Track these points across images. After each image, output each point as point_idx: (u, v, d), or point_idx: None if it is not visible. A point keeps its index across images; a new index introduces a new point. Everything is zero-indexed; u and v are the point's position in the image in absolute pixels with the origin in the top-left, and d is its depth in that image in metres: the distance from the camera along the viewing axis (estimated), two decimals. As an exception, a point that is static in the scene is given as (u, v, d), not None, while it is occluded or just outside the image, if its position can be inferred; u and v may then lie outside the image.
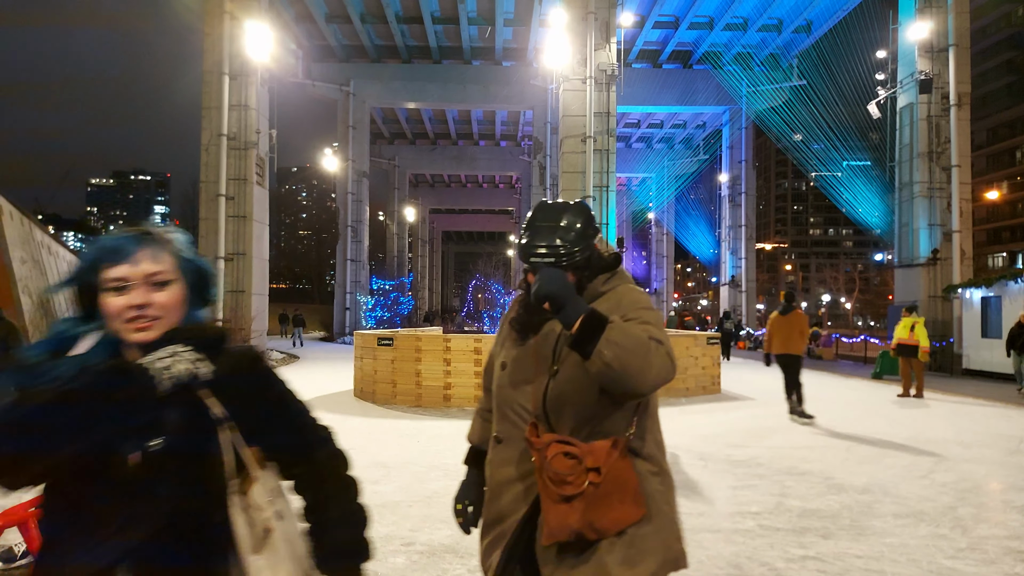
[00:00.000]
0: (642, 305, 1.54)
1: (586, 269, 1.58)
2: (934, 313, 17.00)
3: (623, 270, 1.65)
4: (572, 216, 1.57)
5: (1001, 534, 4.13)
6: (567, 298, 1.40)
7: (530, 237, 1.54)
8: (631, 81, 25.49)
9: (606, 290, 1.60)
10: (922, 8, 17.26)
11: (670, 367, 1.38)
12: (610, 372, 1.32)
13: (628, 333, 1.34)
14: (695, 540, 3.94)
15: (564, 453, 1.43)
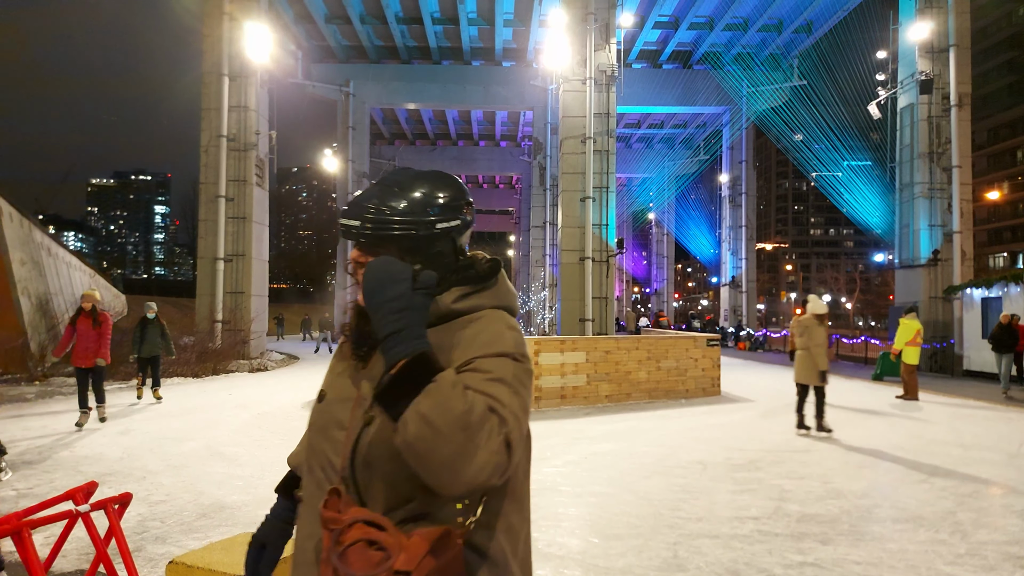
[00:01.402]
0: (502, 350, 1.05)
1: (431, 267, 1.11)
2: (935, 314, 16.98)
3: (502, 288, 1.18)
4: (422, 183, 1.15)
5: (1001, 539, 4.11)
6: (398, 312, 0.98)
7: (356, 196, 1.14)
8: (631, 81, 25.49)
9: (460, 310, 1.12)
10: (923, 8, 17.24)
11: (503, 461, 0.93)
12: (410, 454, 0.93)
13: (448, 405, 0.91)
14: (694, 546, 3.93)
15: (368, 541, 0.97)
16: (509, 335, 1.09)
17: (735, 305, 30.06)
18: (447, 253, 1.16)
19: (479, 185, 50.62)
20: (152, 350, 9.84)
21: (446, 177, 1.20)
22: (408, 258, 1.11)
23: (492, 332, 1.09)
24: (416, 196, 1.14)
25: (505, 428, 0.96)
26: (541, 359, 9.67)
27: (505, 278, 1.22)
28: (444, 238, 1.15)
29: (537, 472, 5.76)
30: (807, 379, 7.68)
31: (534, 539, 4.05)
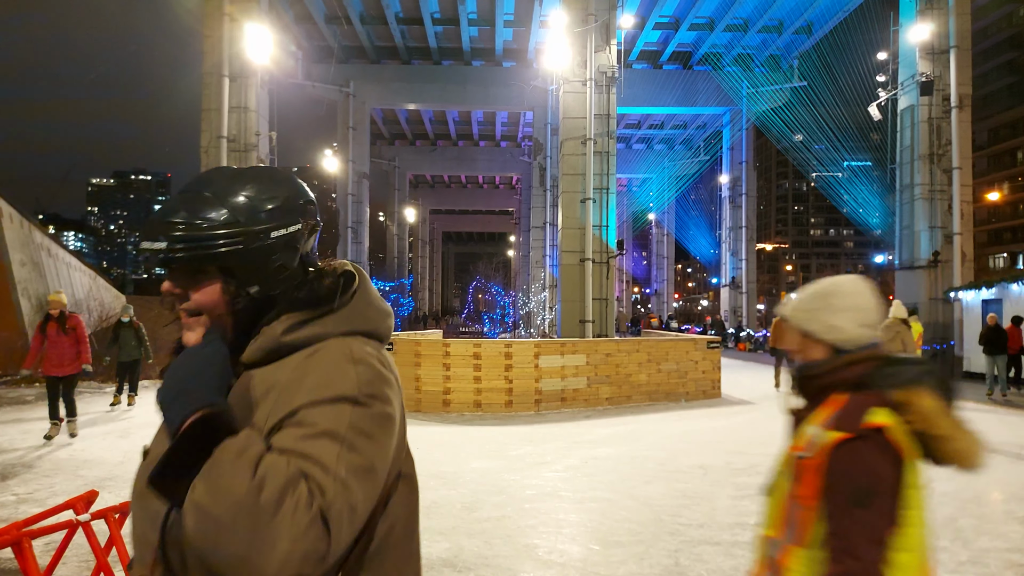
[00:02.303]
0: (337, 393, 0.84)
1: (270, 288, 0.93)
2: (935, 316, 16.97)
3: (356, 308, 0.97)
4: (245, 184, 0.94)
5: (1002, 546, 4.11)
6: (178, 367, 0.83)
7: (156, 212, 0.93)
8: (631, 82, 25.46)
9: (293, 343, 0.91)
10: (923, 10, 17.23)
11: (317, 548, 0.74)
12: (194, 553, 0.78)
13: (227, 485, 0.72)
14: (695, 553, 3.92)
15: None
16: (351, 372, 0.86)
17: (735, 306, 30.06)
18: (290, 267, 0.95)
19: (479, 185, 50.63)
20: (129, 354, 9.43)
21: (276, 173, 1.00)
22: (237, 281, 0.91)
23: (325, 371, 0.86)
24: (239, 201, 0.92)
25: (319, 500, 0.75)
26: (541, 362, 9.67)
27: (367, 292, 0.99)
28: (284, 249, 0.94)
29: (537, 477, 5.75)
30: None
31: (535, 545, 4.05)
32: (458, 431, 8.07)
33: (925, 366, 1.31)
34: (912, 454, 1.24)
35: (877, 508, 1.20)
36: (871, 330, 1.39)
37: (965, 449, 1.24)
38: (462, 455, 6.61)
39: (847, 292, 1.43)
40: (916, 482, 1.24)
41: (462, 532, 4.29)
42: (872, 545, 1.19)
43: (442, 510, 4.76)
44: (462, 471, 5.90)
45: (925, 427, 1.22)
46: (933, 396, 1.25)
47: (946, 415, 1.25)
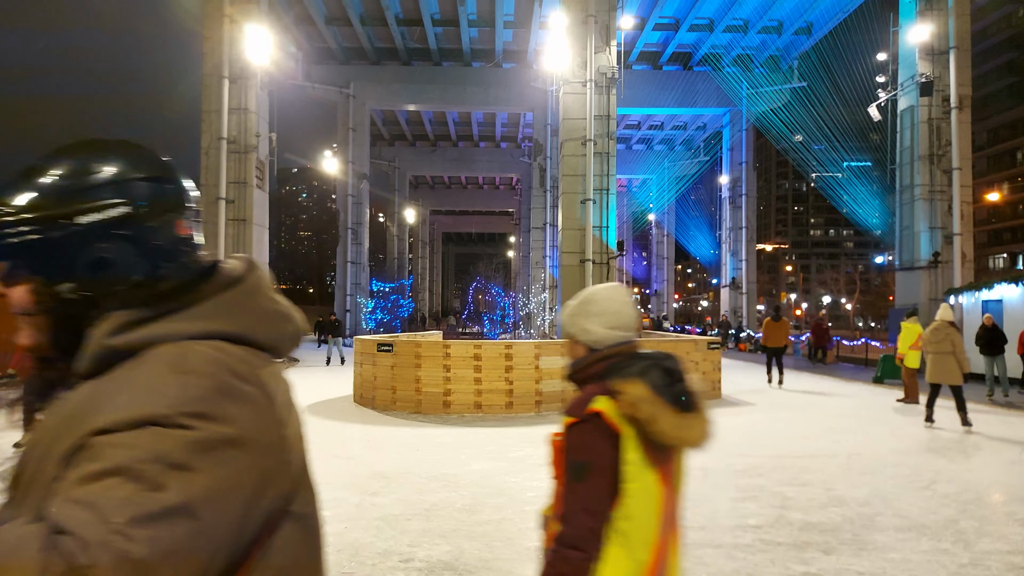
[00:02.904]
0: (145, 414, 0.67)
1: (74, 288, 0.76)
2: (935, 316, 16.96)
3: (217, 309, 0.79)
4: (68, 157, 0.79)
5: (1004, 548, 4.10)
6: None
7: None
8: (631, 83, 25.45)
9: (122, 347, 0.74)
10: (923, 11, 17.24)
11: None
12: None
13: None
14: (696, 556, 3.92)
15: None
16: (171, 385, 0.69)
17: (735, 306, 30.05)
18: (124, 260, 0.77)
19: (479, 186, 50.63)
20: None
21: (110, 144, 0.81)
22: (43, 278, 0.76)
23: (140, 384, 0.69)
24: (51, 180, 0.76)
25: (74, 562, 0.57)
26: (542, 363, 9.67)
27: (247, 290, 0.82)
28: (108, 238, 0.76)
29: (538, 479, 5.74)
30: (946, 379, 8.33)
31: (535, 548, 4.05)
32: (458, 432, 8.06)
33: (650, 361, 1.46)
34: (629, 435, 1.37)
35: (591, 481, 1.35)
36: (620, 331, 1.56)
37: (667, 431, 1.38)
38: (462, 457, 6.60)
39: (599, 299, 1.60)
40: (634, 459, 1.37)
41: (463, 535, 4.28)
42: (585, 513, 1.34)
43: (442, 512, 4.76)
44: (463, 473, 5.89)
45: (632, 412, 1.37)
46: (642, 386, 1.39)
47: (650, 402, 1.38)
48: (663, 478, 1.42)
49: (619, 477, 1.36)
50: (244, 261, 0.88)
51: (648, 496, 1.38)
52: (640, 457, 1.37)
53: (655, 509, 1.39)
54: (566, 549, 1.34)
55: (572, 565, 1.33)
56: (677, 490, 1.49)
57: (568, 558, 1.33)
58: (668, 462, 1.44)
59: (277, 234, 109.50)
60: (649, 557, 1.36)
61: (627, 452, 1.37)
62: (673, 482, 1.47)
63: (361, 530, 4.33)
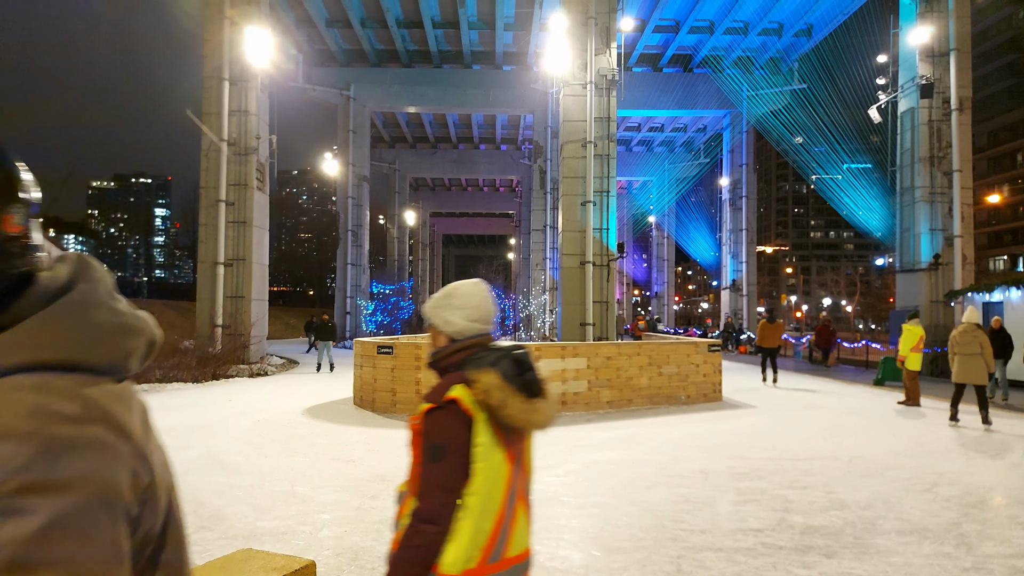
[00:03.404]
0: None
1: None
2: (936, 318, 16.94)
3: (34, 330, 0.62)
4: None
5: (1006, 552, 4.08)
6: None
7: None
8: (631, 85, 25.47)
9: None
10: (923, 12, 17.24)
11: None
12: None
13: None
14: (697, 560, 3.90)
15: None
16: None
17: (736, 308, 30.02)
18: None
19: (479, 188, 50.64)
20: None
21: None
22: None
23: None
24: None
25: None
26: (542, 365, 9.63)
27: (76, 300, 0.65)
28: None
29: (538, 482, 5.72)
30: (972, 379, 8.69)
31: (536, 552, 4.02)
32: (459, 435, 8.04)
33: (502, 352, 1.60)
34: (481, 420, 1.52)
35: (447, 462, 1.50)
36: (479, 324, 1.70)
37: (515, 415, 1.53)
38: (463, 459, 6.59)
39: (462, 294, 1.72)
40: (484, 441, 1.52)
41: (463, 538, 4.26)
42: (441, 490, 1.49)
43: (443, 516, 4.74)
44: (463, 476, 5.88)
45: (484, 398, 1.51)
46: (495, 375, 1.53)
47: (501, 389, 1.52)
48: (510, 457, 1.58)
49: (471, 457, 1.51)
50: (72, 262, 0.69)
51: (495, 473, 1.53)
52: (490, 439, 1.53)
53: (502, 485, 1.55)
54: (421, 523, 1.49)
55: (426, 537, 1.48)
56: (525, 467, 1.68)
57: (423, 531, 1.48)
58: (516, 443, 1.61)
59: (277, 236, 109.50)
60: (492, 526, 1.53)
61: (479, 435, 1.52)
62: (522, 460, 1.65)
63: (361, 533, 4.32)
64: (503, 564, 1.54)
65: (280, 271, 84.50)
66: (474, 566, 1.49)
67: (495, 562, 1.53)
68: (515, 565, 1.58)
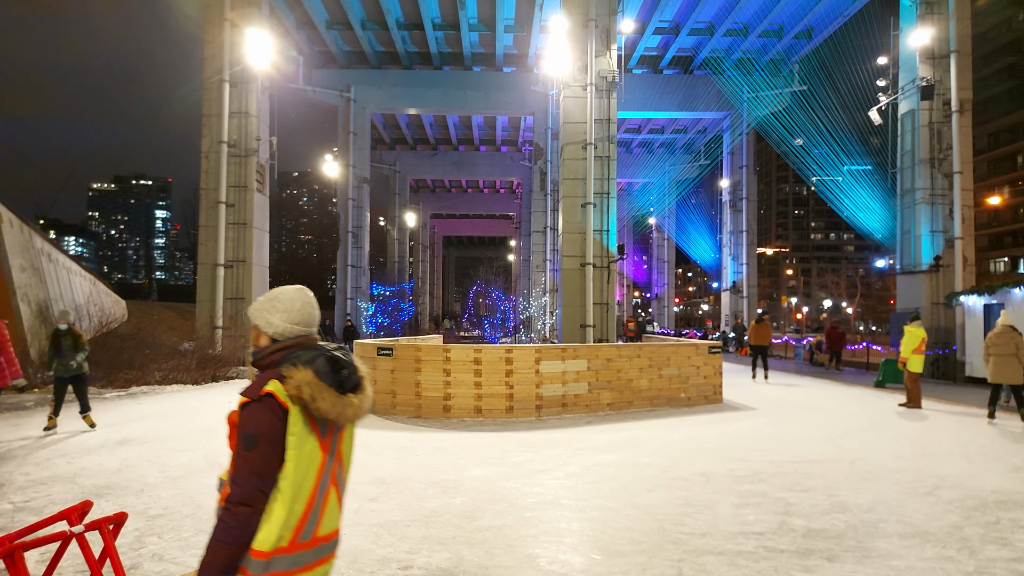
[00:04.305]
0: None
1: None
2: (937, 320, 16.92)
3: None
4: None
5: (1009, 556, 4.05)
6: None
7: None
8: (632, 87, 25.48)
9: None
10: (923, 14, 17.24)
11: None
12: None
13: None
14: (698, 563, 3.88)
15: None
16: None
17: (736, 310, 30.01)
18: None
19: (480, 190, 50.65)
20: (67, 368, 7.98)
21: None
22: None
23: None
24: None
25: None
26: (542, 367, 9.62)
27: None
28: None
29: (538, 484, 5.70)
30: (1008, 379, 9.14)
31: (536, 555, 4.01)
32: (458, 437, 8.02)
33: (319, 351, 1.75)
34: (294, 412, 1.66)
35: (260, 450, 1.62)
36: (300, 326, 1.84)
37: (326, 409, 1.67)
38: (462, 462, 6.56)
39: (284, 298, 1.87)
40: (296, 431, 1.66)
41: (462, 541, 4.24)
42: (253, 476, 1.62)
43: (442, 519, 4.72)
44: (462, 478, 5.85)
45: (297, 392, 1.65)
46: (308, 371, 1.67)
47: (312, 385, 1.66)
48: (324, 447, 1.73)
49: (284, 446, 1.65)
50: None
51: (308, 461, 1.67)
52: (303, 430, 1.66)
53: (314, 471, 1.70)
54: (236, 506, 1.62)
55: (240, 519, 1.61)
56: (342, 456, 1.83)
57: (237, 513, 1.61)
58: (331, 434, 1.76)
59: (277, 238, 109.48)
60: (304, 508, 1.67)
61: (292, 426, 1.65)
62: (338, 450, 1.80)
63: (360, 536, 4.29)
64: (313, 543, 1.70)
65: (280, 273, 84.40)
66: (285, 544, 1.64)
67: (305, 540, 1.68)
68: (324, 544, 1.74)
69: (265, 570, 1.61)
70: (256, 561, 1.61)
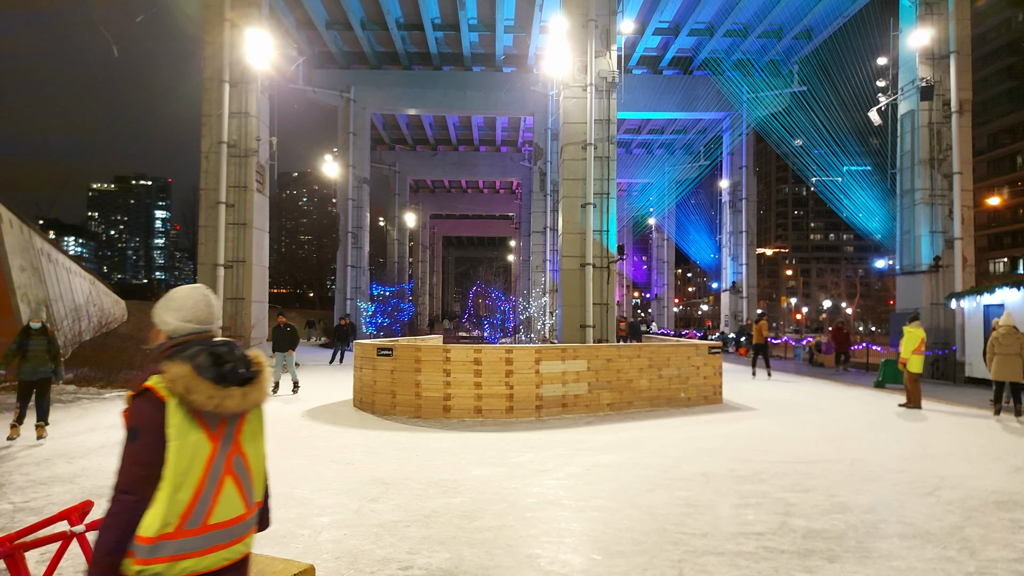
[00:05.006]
0: None
1: None
2: (936, 321, 16.92)
3: None
4: None
5: (1010, 556, 4.06)
6: None
7: None
8: (631, 87, 25.49)
9: None
10: (923, 15, 17.25)
11: None
12: None
13: None
14: (699, 564, 3.87)
15: None
16: None
17: (736, 310, 30.01)
18: None
19: (480, 190, 50.63)
20: (36, 371, 7.34)
21: None
22: None
23: None
24: None
25: None
26: (542, 367, 9.62)
27: None
28: None
29: (539, 485, 5.70)
30: (1011, 376, 9.57)
31: (537, 555, 4.01)
32: (459, 437, 8.02)
33: (203, 347, 1.81)
34: (173, 404, 1.72)
35: (141, 441, 1.71)
36: (193, 324, 1.93)
37: (201, 401, 1.73)
38: (462, 462, 6.56)
39: (177, 297, 1.96)
40: (176, 422, 1.72)
41: (463, 541, 4.24)
42: (135, 465, 1.70)
43: (442, 519, 4.71)
44: (463, 479, 5.85)
45: (171, 386, 1.71)
46: (184, 366, 1.74)
47: (187, 378, 1.73)
48: (212, 437, 1.79)
49: (165, 437, 1.71)
50: None
51: (193, 451, 1.74)
52: (184, 421, 1.73)
53: (201, 461, 1.75)
54: (120, 494, 1.69)
55: (124, 506, 1.68)
56: (241, 446, 1.91)
57: (121, 501, 1.69)
58: (222, 425, 1.82)
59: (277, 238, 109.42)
60: (190, 496, 1.73)
61: (171, 417, 1.72)
62: (235, 439, 1.87)
63: (360, 537, 4.29)
64: (203, 529, 1.76)
65: (280, 273, 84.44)
66: (171, 530, 1.71)
67: (194, 527, 1.74)
68: (218, 531, 1.80)
69: (150, 555, 1.68)
70: (141, 546, 1.68)
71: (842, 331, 20.21)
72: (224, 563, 1.81)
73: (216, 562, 1.78)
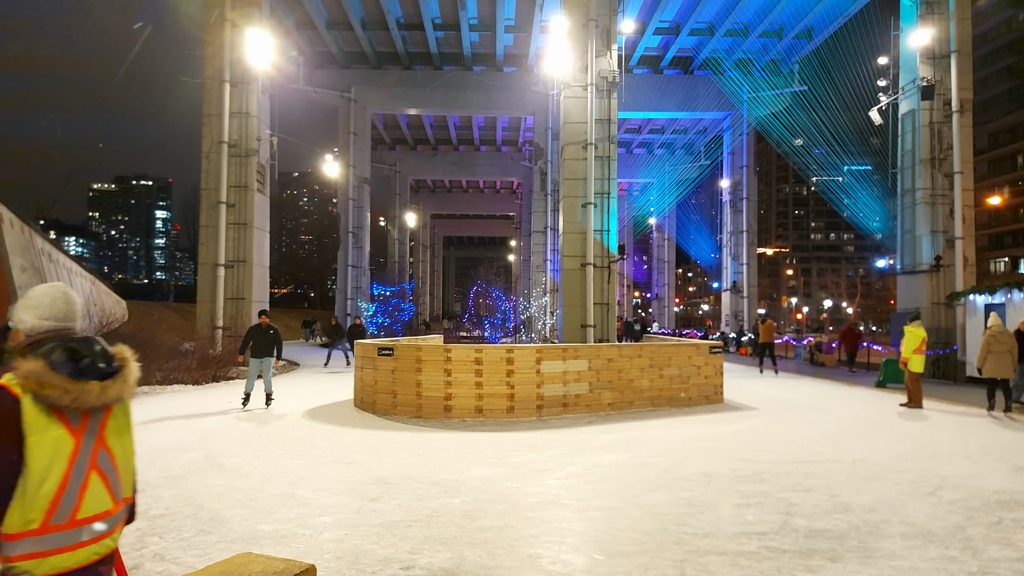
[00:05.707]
0: None
1: None
2: (937, 320, 16.91)
3: None
4: None
5: (1013, 556, 4.05)
6: None
7: None
8: (632, 87, 25.47)
9: None
10: (924, 15, 17.23)
11: None
12: None
13: None
14: (701, 563, 3.87)
15: None
16: None
17: (736, 310, 30.00)
18: None
19: (480, 190, 50.63)
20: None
21: None
22: None
23: None
24: None
25: None
26: (543, 367, 9.61)
27: None
28: None
29: (540, 484, 5.70)
30: (1002, 373, 9.98)
31: (538, 555, 4.00)
32: (460, 437, 8.01)
33: (58, 343, 1.82)
34: (27, 400, 1.71)
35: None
36: (50, 321, 1.91)
37: (55, 396, 1.73)
38: (463, 462, 6.56)
39: (34, 296, 1.95)
40: (32, 418, 1.71)
41: (464, 541, 4.24)
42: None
43: (443, 519, 4.71)
44: (464, 478, 5.85)
45: (23, 382, 1.72)
46: (37, 362, 1.74)
47: (39, 374, 1.72)
48: (74, 432, 1.78)
49: (21, 433, 1.70)
50: None
51: (53, 446, 1.73)
52: (41, 417, 1.72)
53: (64, 456, 1.75)
54: None
55: None
56: (106, 441, 1.87)
57: None
58: (85, 420, 1.81)
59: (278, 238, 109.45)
60: (54, 491, 1.72)
61: (26, 414, 1.71)
62: (99, 434, 1.85)
63: (361, 536, 4.29)
64: (71, 524, 1.75)
65: (281, 273, 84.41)
66: (36, 526, 1.70)
67: (61, 523, 1.74)
68: (87, 525, 1.79)
69: (15, 551, 1.69)
70: (5, 543, 1.69)
71: (853, 331, 20.18)
72: (94, 558, 1.81)
73: (86, 557, 1.79)
